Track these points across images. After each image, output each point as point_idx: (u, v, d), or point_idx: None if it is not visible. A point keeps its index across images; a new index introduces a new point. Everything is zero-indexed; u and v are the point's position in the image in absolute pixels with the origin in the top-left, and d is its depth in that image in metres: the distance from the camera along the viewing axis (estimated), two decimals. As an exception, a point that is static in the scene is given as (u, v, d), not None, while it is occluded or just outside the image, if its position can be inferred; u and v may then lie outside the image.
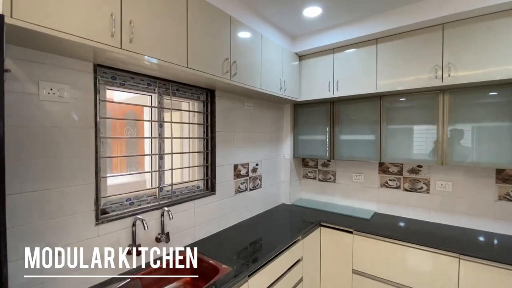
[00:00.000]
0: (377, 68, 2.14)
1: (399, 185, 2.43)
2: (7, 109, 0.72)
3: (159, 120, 1.66)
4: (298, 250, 1.97)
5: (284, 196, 2.85)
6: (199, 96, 1.94)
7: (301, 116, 2.79)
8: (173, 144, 1.72)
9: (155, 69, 1.43)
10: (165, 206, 1.60)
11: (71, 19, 0.97)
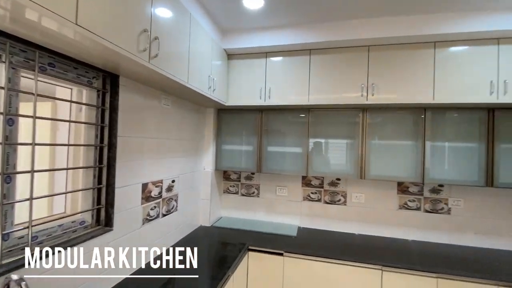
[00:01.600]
0: (309, 80, 2.08)
1: (320, 198, 2.45)
2: None
3: (7, 112, 0.92)
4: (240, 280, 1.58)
5: (203, 217, 2.38)
6: (92, 80, 1.26)
7: (225, 123, 2.44)
8: (37, 154, 1.00)
9: (6, 16, 0.75)
10: (12, 270, 0.87)
11: None
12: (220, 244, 2.03)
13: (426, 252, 1.97)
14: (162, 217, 1.78)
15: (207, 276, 1.53)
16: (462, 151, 1.96)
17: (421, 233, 2.21)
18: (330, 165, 2.23)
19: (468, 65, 1.81)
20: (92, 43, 0.93)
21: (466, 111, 1.94)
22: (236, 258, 1.73)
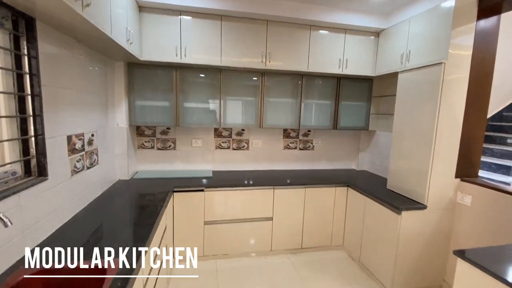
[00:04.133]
0: (221, 43, 2.40)
1: (229, 146, 2.98)
2: None
3: None
4: (163, 222, 1.91)
5: (120, 171, 2.45)
6: (1, 20, 1.14)
7: (139, 79, 2.44)
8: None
9: None
10: (-28, 210, 0.91)
11: None
12: (145, 191, 2.24)
13: (299, 175, 2.92)
14: (87, 169, 1.81)
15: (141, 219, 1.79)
16: (321, 107, 2.89)
17: (296, 164, 3.18)
18: (237, 118, 2.73)
19: (328, 45, 2.63)
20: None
21: (325, 78, 2.84)
22: (165, 199, 2.03)
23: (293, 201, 2.61)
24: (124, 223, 1.63)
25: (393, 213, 2.07)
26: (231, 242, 2.53)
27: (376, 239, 2.28)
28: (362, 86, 2.93)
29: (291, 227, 2.65)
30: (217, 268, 2.41)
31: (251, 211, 2.53)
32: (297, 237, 2.68)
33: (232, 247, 2.54)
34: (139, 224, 1.59)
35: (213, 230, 2.47)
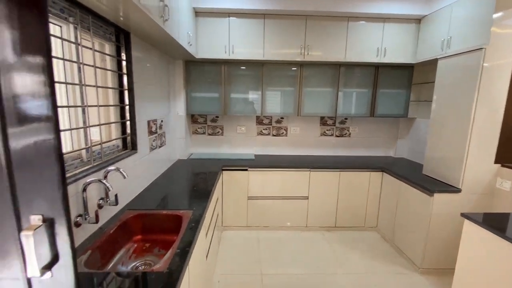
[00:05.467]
0: (264, 40, 2.68)
1: (269, 132, 3.30)
2: None
3: (78, 62, 1.29)
4: (216, 193, 2.32)
5: (180, 152, 2.95)
6: (110, 36, 1.60)
7: (194, 74, 2.88)
8: (88, 95, 1.40)
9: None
10: (103, 167, 1.38)
11: None
12: (203, 168, 2.69)
13: (335, 160, 3.11)
14: (158, 148, 2.30)
15: (205, 184, 2.22)
16: (359, 95, 3.01)
17: (333, 150, 3.36)
18: (276, 107, 3.02)
19: (366, 35, 2.73)
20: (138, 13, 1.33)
21: (363, 67, 2.94)
22: (217, 174, 2.45)
23: (328, 183, 2.83)
24: (188, 189, 2.07)
25: (426, 195, 2.18)
26: (271, 216, 2.88)
27: (409, 221, 2.40)
28: (401, 73, 2.96)
29: (326, 207, 2.89)
30: (258, 237, 2.78)
31: (289, 190, 2.83)
32: (331, 216, 2.91)
33: (271, 220, 2.89)
34: (200, 191, 2.00)
35: (255, 205, 2.84)
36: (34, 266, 0.57)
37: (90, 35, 1.38)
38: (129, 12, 1.37)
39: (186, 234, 1.29)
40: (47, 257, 0.58)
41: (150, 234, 1.52)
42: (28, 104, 0.52)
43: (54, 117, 0.54)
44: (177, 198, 1.82)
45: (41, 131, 0.54)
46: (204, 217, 1.54)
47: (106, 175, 1.36)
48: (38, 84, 0.52)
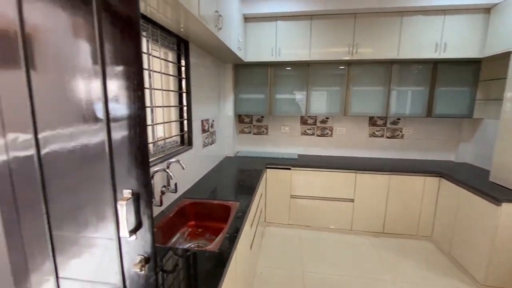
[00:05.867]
0: (310, 40, 2.71)
1: (313, 133, 3.30)
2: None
3: (148, 69, 1.53)
4: (260, 189, 2.43)
5: (228, 150, 3.15)
6: (173, 46, 1.83)
7: (241, 76, 3.05)
8: (155, 97, 1.63)
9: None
10: (166, 159, 1.60)
11: None
12: (248, 165, 2.84)
13: (384, 163, 2.95)
14: (210, 145, 2.52)
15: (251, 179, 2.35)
16: (414, 93, 2.81)
17: (382, 152, 3.19)
18: (321, 107, 3.00)
19: (422, 30, 2.54)
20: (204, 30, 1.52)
21: (418, 64, 2.74)
22: (262, 171, 2.56)
23: (376, 187, 2.72)
24: (235, 184, 2.22)
25: (492, 205, 1.94)
26: (313, 216, 2.88)
27: (471, 232, 2.17)
28: (465, 69, 2.67)
29: (373, 211, 2.77)
30: (300, 236, 2.82)
31: (333, 191, 2.80)
32: (379, 221, 2.78)
33: (314, 220, 2.89)
34: (245, 186, 2.14)
35: (298, 203, 2.88)
36: (125, 229, 0.74)
37: (158, 46, 1.61)
38: (189, 24, 1.57)
39: (234, 222, 1.43)
40: (133, 223, 0.74)
41: (202, 220, 1.70)
42: (125, 103, 0.69)
43: (143, 115, 0.69)
44: (225, 191, 1.98)
45: (133, 126, 0.71)
46: (249, 209, 1.66)
47: (168, 166, 1.58)
48: (133, 88, 0.68)
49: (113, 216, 0.75)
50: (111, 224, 0.76)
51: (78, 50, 0.70)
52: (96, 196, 0.76)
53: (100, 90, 0.69)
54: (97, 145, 0.73)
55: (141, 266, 0.75)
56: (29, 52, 0.72)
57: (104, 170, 0.74)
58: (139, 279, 0.77)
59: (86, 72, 0.70)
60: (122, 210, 0.71)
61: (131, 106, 0.69)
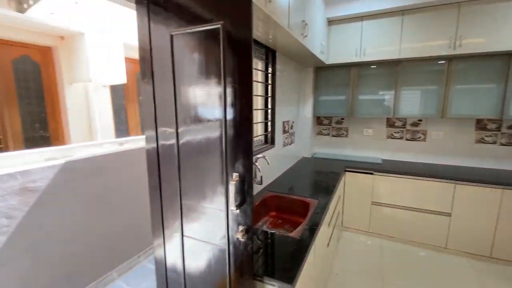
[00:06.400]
0: (401, 37, 2.53)
1: (402, 136, 3.03)
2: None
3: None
4: (337, 192, 2.42)
5: (305, 150, 3.25)
6: (262, 56, 2.07)
7: (322, 78, 3.09)
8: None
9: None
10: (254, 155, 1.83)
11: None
12: (325, 166, 2.86)
13: (497, 174, 2.45)
14: (289, 145, 2.68)
15: (328, 179, 2.39)
16: (545, 90, 2.24)
17: (494, 162, 2.65)
18: (413, 108, 2.73)
19: (562, 10, 2.01)
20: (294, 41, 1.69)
21: (555, 53, 2.17)
22: (340, 173, 2.55)
23: (482, 201, 2.30)
24: (312, 183, 2.31)
25: None
26: (398, 227, 2.66)
27: None
28: None
29: (477, 229, 2.35)
30: (382, 246, 2.65)
31: (424, 202, 2.51)
32: (485, 243, 2.34)
33: (398, 231, 2.66)
34: (323, 186, 2.19)
35: (379, 211, 2.71)
36: (232, 203, 0.95)
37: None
38: (277, 35, 1.75)
39: (313, 217, 1.52)
40: (239, 200, 0.95)
41: (282, 213, 1.87)
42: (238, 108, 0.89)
43: (251, 117, 0.89)
44: (303, 188, 2.09)
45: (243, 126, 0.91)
46: (328, 208, 1.72)
47: (256, 160, 1.81)
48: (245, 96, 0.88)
49: (225, 193, 0.98)
50: (222, 199, 0.99)
51: (208, 67, 0.95)
52: (213, 176, 1.00)
53: (221, 97, 0.93)
54: (216, 139, 0.97)
55: (242, 235, 0.95)
56: (176, 69, 1.02)
57: (220, 157, 0.97)
58: (239, 244, 0.98)
59: (211, 84, 0.95)
60: (231, 188, 0.93)
61: (242, 110, 0.89)
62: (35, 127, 2.61)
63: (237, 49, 0.88)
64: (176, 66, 1.02)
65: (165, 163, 1.12)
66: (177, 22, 0.97)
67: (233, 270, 1.01)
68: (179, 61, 1.01)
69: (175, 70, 1.02)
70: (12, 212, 1.59)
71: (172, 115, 1.05)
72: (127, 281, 2.19)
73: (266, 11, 1.26)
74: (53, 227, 1.78)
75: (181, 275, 1.18)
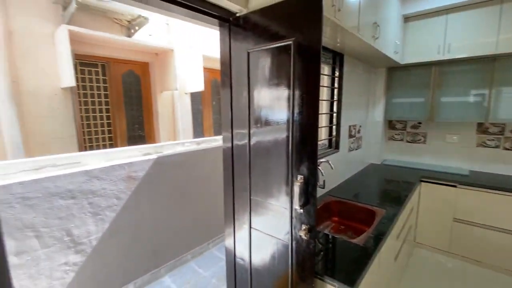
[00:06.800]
0: (499, 28, 2.15)
1: (498, 145, 2.55)
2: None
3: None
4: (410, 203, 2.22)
5: (373, 157, 3.06)
6: (329, 60, 2.08)
7: (396, 79, 2.87)
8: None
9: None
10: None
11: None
12: (396, 175, 2.64)
13: None
14: (355, 150, 2.59)
15: (400, 189, 2.22)
16: None
17: None
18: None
19: None
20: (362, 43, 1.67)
21: None
22: (415, 183, 2.32)
23: None
24: (380, 191, 2.18)
25: None
26: (488, 250, 2.26)
27: None
28: None
29: None
30: (465, 270, 2.29)
31: (527, 225, 2.07)
32: None
33: (488, 256, 2.26)
34: (392, 195, 2.05)
35: (464, 230, 2.35)
36: (296, 203, 1.03)
37: (317, 63, 1.91)
38: (346, 40, 1.75)
39: (379, 226, 1.47)
40: (302, 200, 1.02)
41: (345, 219, 1.84)
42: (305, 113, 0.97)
43: (316, 123, 0.96)
44: (369, 196, 2.00)
45: (308, 130, 0.98)
46: (397, 219, 1.62)
47: (319, 164, 1.84)
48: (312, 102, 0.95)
49: (289, 192, 1.07)
50: (287, 198, 1.09)
51: (278, 77, 1.06)
52: (278, 176, 1.11)
53: (289, 105, 1.02)
54: (283, 141, 1.07)
55: (305, 233, 1.02)
56: (250, 80, 1.17)
57: (286, 159, 1.07)
58: (302, 242, 1.05)
59: (281, 92, 1.05)
60: (296, 189, 1.01)
61: (309, 117, 0.97)
62: (135, 128, 3.23)
63: (306, 61, 0.96)
64: (251, 77, 1.16)
65: (238, 161, 1.28)
66: (254, 41, 1.11)
67: (295, 264, 1.09)
68: (252, 72, 1.15)
69: (250, 81, 1.16)
70: (120, 194, 2.03)
71: (245, 118, 1.20)
72: (198, 264, 2.50)
73: (336, 20, 1.30)
74: (147, 209, 2.19)
75: (247, 262, 1.32)
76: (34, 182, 1.58)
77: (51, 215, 1.66)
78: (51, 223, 1.66)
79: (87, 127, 2.84)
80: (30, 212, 1.57)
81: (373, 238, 1.33)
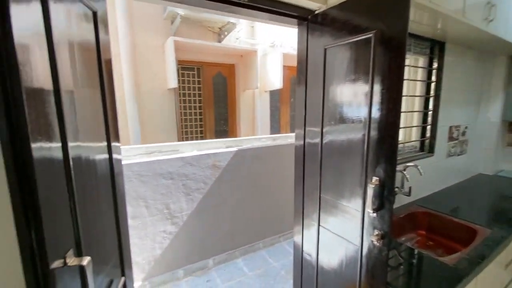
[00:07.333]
0: None
1: None
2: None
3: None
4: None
5: (484, 165, 2.48)
6: (426, 50, 1.81)
7: (525, 69, 2.23)
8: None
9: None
10: (403, 162, 1.67)
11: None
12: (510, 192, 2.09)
13: None
14: (457, 156, 2.17)
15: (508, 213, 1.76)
16: None
17: None
18: None
19: None
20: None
21: None
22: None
23: None
24: (489, 208, 1.77)
25: None
26: None
27: None
28: None
29: None
30: None
31: None
32: None
33: None
34: (506, 214, 1.63)
35: None
36: (369, 206, 0.98)
37: (410, 54, 1.70)
38: (447, 27, 1.48)
39: (480, 248, 1.22)
40: (377, 204, 0.96)
41: (434, 234, 1.59)
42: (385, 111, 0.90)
43: (397, 122, 0.88)
44: (471, 212, 1.66)
45: (387, 129, 0.91)
46: (507, 243, 1.30)
47: (405, 168, 1.64)
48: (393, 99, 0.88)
49: (362, 195, 1.02)
50: (359, 200, 1.04)
51: (355, 72, 1.02)
52: (351, 177, 1.07)
53: (367, 102, 0.97)
54: (358, 140, 1.03)
55: (377, 239, 0.96)
56: (326, 76, 1.16)
57: (360, 159, 1.02)
58: (373, 248, 1.00)
59: (357, 88, 1.01)
60: (370, 191, 0.96)
61: (389, 115, 0.90)
62: (221, 123, 3.63)
63: (388, 53, 0.89)
64: (326, 73, 1.15)
65: (309, 159, 1.30)
66: (332, 36, 1.10)
67: (364, 270, 1.04)
68: (328, 69, 1.14)
69: (325, 77, 1.16)
70: (206, 180, 2.35)
71: (319, 116, 1.20)
72: (269, 254, 2.63)
73: (431, 5, 1.13)
74: (227, 195, 2.45)
75: (314, 259, 1.33)
76: (146, 163, 2.01)
77: (156, 190, 2.08)
78: (156, 197, 2.08)
79: (184, 121, 3.38)
80: (143, 186, 2.01)
81: (468, 259, 1.12)
